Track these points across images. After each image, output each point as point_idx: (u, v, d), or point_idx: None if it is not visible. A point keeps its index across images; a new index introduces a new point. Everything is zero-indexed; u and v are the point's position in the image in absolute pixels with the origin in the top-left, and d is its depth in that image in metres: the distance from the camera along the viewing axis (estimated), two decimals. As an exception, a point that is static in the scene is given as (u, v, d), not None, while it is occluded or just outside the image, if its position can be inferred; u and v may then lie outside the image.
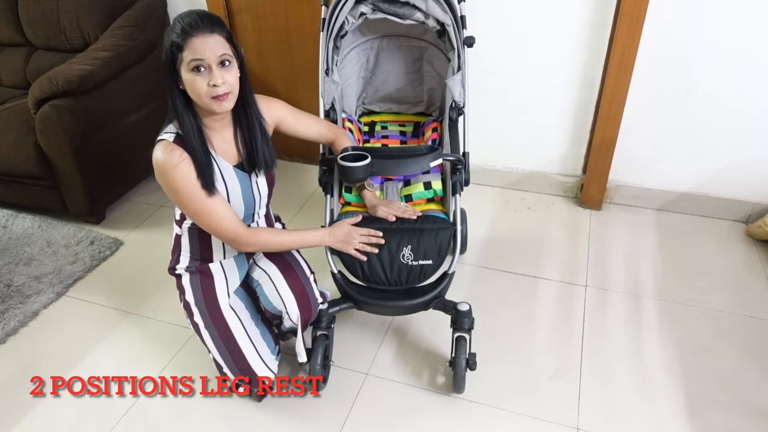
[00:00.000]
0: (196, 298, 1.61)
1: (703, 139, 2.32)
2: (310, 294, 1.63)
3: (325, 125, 1.77)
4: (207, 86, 1.37)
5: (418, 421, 1.65)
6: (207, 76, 1.37)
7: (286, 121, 1.67)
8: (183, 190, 1.44)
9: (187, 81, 1.38)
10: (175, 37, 1.35)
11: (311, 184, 2.80)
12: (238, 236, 1.52)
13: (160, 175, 1.45)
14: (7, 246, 2.39)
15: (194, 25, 1.34)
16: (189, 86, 1.39)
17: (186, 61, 1.35)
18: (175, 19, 1.38)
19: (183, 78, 1.38)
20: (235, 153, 1.55)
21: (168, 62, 1.38)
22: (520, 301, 2.05)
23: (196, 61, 1.35)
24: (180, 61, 1.36)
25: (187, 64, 1.36)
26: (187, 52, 1.35)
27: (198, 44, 1.34)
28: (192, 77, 1.37)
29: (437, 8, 1.75)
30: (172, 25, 1.38)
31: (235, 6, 2.68)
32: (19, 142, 2.33)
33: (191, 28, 1.34)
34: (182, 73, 1.38)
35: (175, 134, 1.45)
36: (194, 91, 1.39)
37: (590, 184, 2.50)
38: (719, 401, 1.67)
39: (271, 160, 1.60)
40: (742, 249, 2.27)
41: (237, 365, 1.60)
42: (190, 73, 1.36)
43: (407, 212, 1.68)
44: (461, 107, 1.85)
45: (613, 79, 2.24)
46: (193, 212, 1.48)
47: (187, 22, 1.35)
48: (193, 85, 1.37)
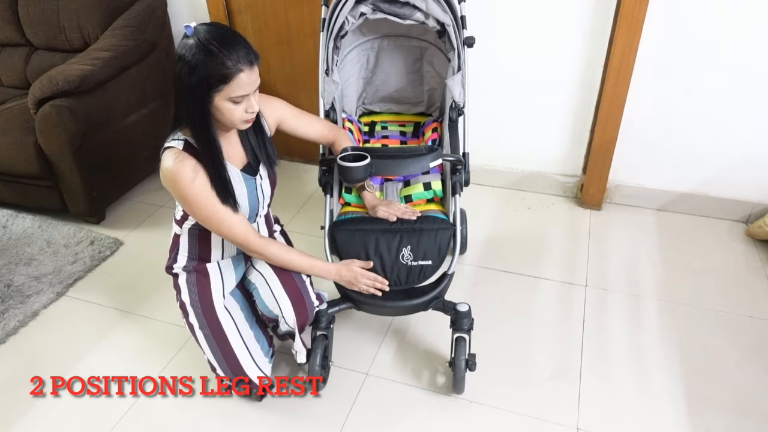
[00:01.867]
0: (192, 298, 1.61)
1: (703, 139, 2.32)
2: (306, 298, 1.62)
3: (325, 125, 1.77)
4: (244, 113, 1.39)
5: (417, 421, 1.65)
6: (244, 104, 1.38)
7: (287, 120, 1.68)
8: (196, 199, 1.43)
9: (222, 108, 1.37)
10: (222, 69, 1.31)
11: (311, 184, 2.80)
12: (249, 243, 1.53)
13: (170, 184, 1.43)
14: (7, 246, 2.39)
15: (243, 62, 1.33)
16: (223, 113, 1.38)
17: (228, 94, 1.35)
18: (216, 46, 1.30)
19: (216, 103, 1.37)
20: (241, 156, 1.55)
21: (202, 87, 1.34)
22: (520, 302, 2.05)
23: (241, 97, 1.36)
24: (218, 90, 1.34)
25: (228, 96, 1.35)
26: (233, 87, 1.34)
27: (245, 80, 1.34)
28: (230, 107, 1.37)
29: (437, 8, 1.75)
30: (210, 53, 1.30)
31: (235, 6, 2.68)
32: (19, 142, 2.33)
33: (241, 64, 1.32)
34: (217, 100, 1.36)
35: (183, 141, 1.44)
36: (228, 118, 1.39)
37: (590, 184, 2.50)
38: (719, 401, 1.67)
39: (274, 159, 1.61)
40: (742, 249, 2.27)
41: (229, 366, 1.60)
42: (228, 102, 1.36)
43: (407, 213, 1.68)
44: (461, 107, 1.85)
45: (613, 79, 2.24)
46: (205, 218, 1.48)
47: (236, 58, 1.31)
48: (230, 113, 1.38)
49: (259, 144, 1.57)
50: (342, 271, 1.62)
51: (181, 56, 1.33)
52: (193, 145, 1.43)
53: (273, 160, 1.61)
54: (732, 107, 2.22)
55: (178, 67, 1.34)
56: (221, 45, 1.31)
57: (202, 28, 1.34)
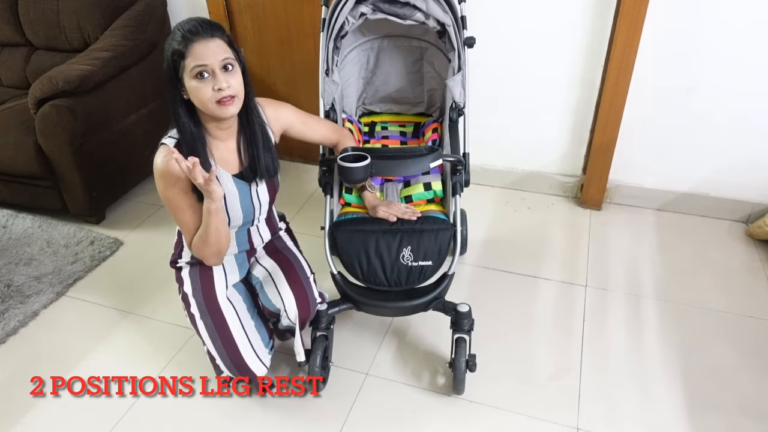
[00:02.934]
0: (194, 288, 1.62)
1: (703, 139, 2.32)
2: (309, 293, 1.63)
3: (330, 127, 1.76)
4: (212, 91, 1.36)
5: (417, 421, 1.65)
6: (211, 82, 1.36)
7: (294, 127, 1.66)
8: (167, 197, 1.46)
9: (191, 89, 1.37)
10: (176, 44, 1.35)
11: (311, 184, 2.80)
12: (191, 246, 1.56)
13: (156, 178, 1.46)
14: (7, 246, 2.39)
15: (194, 30, 1.34)
16: (193, 94, 1.38)
17: (189, 68, 1.35)
18: (175, 28, 1.37)
19: (186, 86, 1.38)
20: (236, 162, 1.54)
21: (170, 71, 1.37)
22: (520, 302, 2.05)
23: (199, 67, 1.34)
24: (182, 68, 1.36)
25: (190, 71, 1.35)
26: (189, 59, 1.34)
27: (200, 50, 1.34)
28: (196, 84, 1.36)
29: (438, 8, 1.75)
30: (172, 33, 1.37)
31: (235, 6, 2.68)
32: (19, 142, 2.33)
33: (191, 34, 1.34)
34: (186, 82, 1.37)
35: (177, 139, 1.45)
36: (198, 98, 1.38)
37: (590, 184, 2.50)
38: (719, 401, 1.67)
39: (273, 169, 1.58)
40: (742, 249, 2.27)
41: (229, 356, 1.60)
42: (193, 80, 1.36)
43: (407, 213, 1.68)
44: (461, 108, 1.85)
45: (613, 79, 2.24)
46: (171, 213, 1.51)
47: (186, 29, 1.34)
48: (198, 92, 1.37)
49: (264, 149, 1.54)
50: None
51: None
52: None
53: (270, 172, 1.58)
54: (732, 107, 2.22)
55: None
56: (179, 24, 1.37)
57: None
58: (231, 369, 1.61)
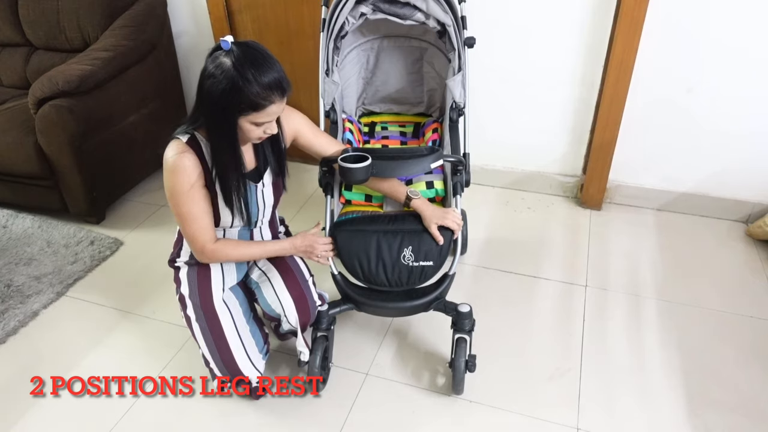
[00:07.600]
0: (191, 289, 1.62)
1: (703, 139, 2.32)
2: (308, 297, 1.63)
3: (339, 147, 1.72)
4: (262, 133, 1.41)
5: (417, 421, 1.65)
6: (264, 126, 1.40)
7: (303, 135, 1.65)
8: (178, 193, 1.44)
9: (242, 126, 1.38)
10: (255, 98, 1.32)
11: (311, 184, 2.80)
12: (204, 251, 1.52)
13: (165, 172, 1.44)
14: (7, 246, 2.39)
15: (276, 93, 1.34)
16: (242, 130, 1.40)
17: (253, 119, 1.37)
18: (249, 73, 1.30)
19: (238, 122, 1.38)
20: (251, 160, 1.55)
21: (230, 109, 1.34)
22: (520, 302, 2.05)
23: (266, 124, 1.39)
24: (244, 112, 1.35)
25: (252, 120, 1.37)
26: (261, 114, 1.36)
27: (274, 110, 1.37)
28: (251, 128, 1.39)
29: (438, 9, 1.75)
30: (246, 80, 1.30)
31: (235, 6, 2.68)
32: (19, 142, 2.33)
33: (274, 96, 1.34)
34: (240, 118, 1.37)
35: (189, 135, 1.44)
36: (245, 135, 1.41)
37: (590, 184, 2.50)
38: (719, 401, 1.67)
39: (280, 167, 1.60)
40: (742, 249, 2.27)
41: (222, 360, 1.60)
42: (250, 124, 1.38)
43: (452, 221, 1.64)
44: (461, 108, 1.85)
45: (613, 79, 2.24)
46: (178, 214, 1.49)
47: (270, 90, 1.33)
48: (249, 132, 1.40)
49: (273, 152, 1.57)
50: (296, 242, 1.62)
51: (213, 74, 1.32)
52: (198, 141, 1.44)
53: (283, 170, 1.61)
54: (732, 107, 2.22)
55: (209, 83, 1.33)
56: (258, 72, 1.31)
57: (239, 48, 1.33)
58: (224, 373, 1.61)
